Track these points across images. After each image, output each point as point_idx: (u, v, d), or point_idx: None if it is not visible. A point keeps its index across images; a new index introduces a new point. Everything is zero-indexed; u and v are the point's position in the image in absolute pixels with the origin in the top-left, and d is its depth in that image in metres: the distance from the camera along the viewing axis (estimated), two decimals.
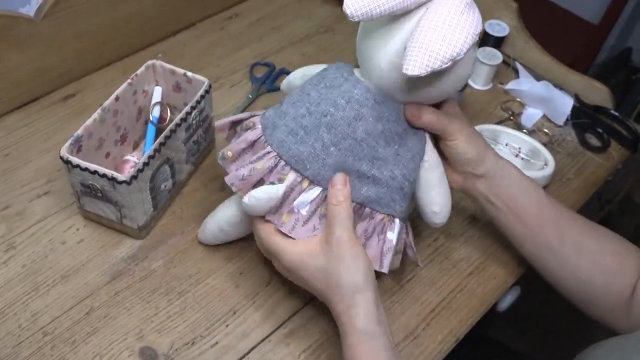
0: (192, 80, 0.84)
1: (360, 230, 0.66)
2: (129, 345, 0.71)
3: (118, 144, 0.83)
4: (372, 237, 0.66)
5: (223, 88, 1.02)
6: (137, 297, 0.75)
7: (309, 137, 0.64)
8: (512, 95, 1.05)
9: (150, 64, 0.85)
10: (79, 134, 0.74)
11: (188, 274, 0.78)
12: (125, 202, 0.74)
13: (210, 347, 0.72)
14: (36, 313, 0.73)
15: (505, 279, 0.81)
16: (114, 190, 0.72)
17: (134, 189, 0.73)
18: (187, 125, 0.80)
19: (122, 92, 0.80)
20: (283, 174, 0.65)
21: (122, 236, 0.80)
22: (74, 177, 0.74)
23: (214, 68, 1.05)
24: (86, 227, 0.80)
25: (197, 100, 0.81)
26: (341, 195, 0.63)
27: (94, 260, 0.78)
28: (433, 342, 0.74)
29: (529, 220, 0.70)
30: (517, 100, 1.05)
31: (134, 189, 0.73)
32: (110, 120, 0.79)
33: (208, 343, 0.72)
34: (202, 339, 0.72)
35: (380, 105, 0.63)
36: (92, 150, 0.77)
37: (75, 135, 0.74)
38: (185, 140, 0.81)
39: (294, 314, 0.75)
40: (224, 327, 0.73)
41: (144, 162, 0.73)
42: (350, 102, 0.63)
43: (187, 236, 0.81)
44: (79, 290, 0.75)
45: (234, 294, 0.76)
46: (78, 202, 0.78)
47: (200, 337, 0.72)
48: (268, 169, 0.65)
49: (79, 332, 0.72)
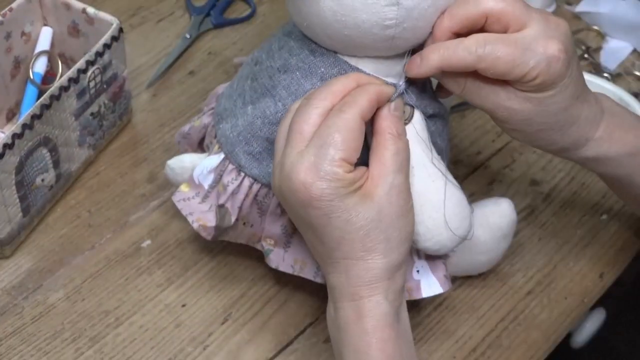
0: (94, 20, 0.84)
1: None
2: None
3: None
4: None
5: (145, 25, 1.02)
6: (30, 347, 0.75)
7: (235, 90, 0.73)
8: (586, 22, 1.06)
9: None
10: None
11: (104, 310, 0.78)
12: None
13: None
14: None
15: (582, 298, 0.82)
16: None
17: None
18: (79, 88, 0.80)
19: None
20: (212, 135, 0.74)
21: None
22: None
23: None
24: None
25: (98, 51, 0.80)
26: (400, 127, 0.64)
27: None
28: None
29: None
30: (593, 28, 1.05)
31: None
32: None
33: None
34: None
35: (315, 56, 0.68)
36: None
37: None
38: (78, 111, 0.81)
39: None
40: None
41: (5, 142, 0.73)
42: (281, 50, 0.70)
43: (100, 252, 0.82)
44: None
45: (174, 337, 0.77)
46: None
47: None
48: (204, 127, 0.76)
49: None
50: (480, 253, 0.76)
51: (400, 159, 0.62)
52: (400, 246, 0.62)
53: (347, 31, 0.63)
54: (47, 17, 0.87)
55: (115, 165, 0.89)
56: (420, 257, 0.71)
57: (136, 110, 0.93)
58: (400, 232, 0.62)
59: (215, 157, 0.73)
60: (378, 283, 0.61)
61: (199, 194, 0.74)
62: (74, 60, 0.88)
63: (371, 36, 0.63)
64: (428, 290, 0.71)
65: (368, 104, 0.61)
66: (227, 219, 0.72)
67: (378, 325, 0.61)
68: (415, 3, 0.61)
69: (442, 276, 0.71)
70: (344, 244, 0.61)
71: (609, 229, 0.87)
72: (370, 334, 0.61)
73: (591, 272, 0.84)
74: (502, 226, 0.75)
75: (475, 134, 0.94)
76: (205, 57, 1.00)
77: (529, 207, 0.88)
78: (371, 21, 0.61)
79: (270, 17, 1.05)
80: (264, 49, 0.73)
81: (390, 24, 0.62)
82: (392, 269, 0.62)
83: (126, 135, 0.91)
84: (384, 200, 0.61)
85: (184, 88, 0.96)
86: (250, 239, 0.76)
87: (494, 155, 0.92)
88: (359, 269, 0.61)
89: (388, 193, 0.61)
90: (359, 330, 0.61)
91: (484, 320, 0.79)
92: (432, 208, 0.67)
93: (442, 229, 0.67)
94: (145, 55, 0.98)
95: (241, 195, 0.71)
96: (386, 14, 0.61)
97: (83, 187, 0.86)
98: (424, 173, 0.67)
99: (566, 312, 0.81)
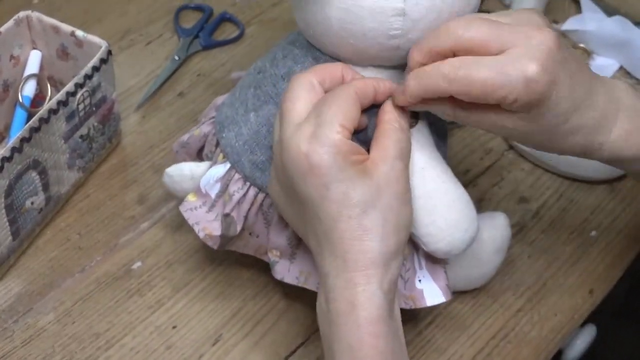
0: (83, 43, 0.84)
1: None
2: None
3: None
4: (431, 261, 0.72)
5: (134, 47, 1.02)
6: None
7: (237, 98, 0.74)
8: (573, 40, 1.07)
9: (23, 15, 0.85)
10: None
11: (94, 333, 0.78)
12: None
13: None
14: None
15: (572, 314, 0.82)
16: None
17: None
18: (68, 111, 0.80)
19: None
20: (212, 144, 0.76)
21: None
22: None
23: (119, 17, 1.05)
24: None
25: (87, 74, 0.81)
26: (404, 120, 0.65)
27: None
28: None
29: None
30: (580, 46, 1.06)
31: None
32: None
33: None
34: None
35: (320, 63, 0.69)
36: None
37: None
38: (67, 134, 0.82)
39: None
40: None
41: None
42: (285, 58, 0.71)
43: (90, 274, 0.82)
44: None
45: (165, 359, 0.77)
46: None
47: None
48: (204, 136, 0.77)
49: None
50: (474, 267, 0.77)
51: (400, 147, 0.63)
52: (397, 232, 0.61)
53: (353, 40, 0.64)
54: (35, 41, 0.87)
55: (105, 187, 0.89)
56: (422, 267, 0.72)
57: (125, 132, 0.93)
58: (398, 218, 0.61)
59: (221, 166, 0.74)
60: (374, 269, 0.60)
61: (206, 203, 0.75)
62: (63, 83, 0.88)
63: (376, 45, 0.64)
64: (432, 299, 0.71)
65: (363, 84, 0.63)
66: (233, 228, 0.73)
67: (371, 319, 0.60)
68: (422, 15, 0.62)
69: (444, 285, 0.72)
70: (341, 220, 0.60)
71: (598, 245, 0.88)
72: (362, 328, 0.60)
73: (581, 288, 0.84)
74: (497, 240, 0.76)
75: (463, 152, 0.95)
76: (194, 78, 1.00)
77: (518, 225, 0.88)
78: (377, 30, 0.63)
79: (259, 39, 1.05)
80: (267, 58, 0.74)
81: (395, 34, 0.63)
82: (388, 256, 0.61)
83: (115, 158, 0.91)
84: (382, 181, 0.61)
85: (173, 110, 0.97)
86: (257, 250, 0.76)
87: (483, 173, 0.93)
88: (355, 251, 0.60)
89: (387, 175, 0.61)
90: (352, 324, 0.60)
91: (474, 338, 0.80)
92: (443, 208, 0.68)
93: (454, 229, 0.68)
94: (134, 78, 0.99)
95: (246, 204, 0.72)
96: (392, 24, 0.62)
97: (73, 210, 0.87)
98: (434, 173, 0.68)
99: (557, 329, 0.81)
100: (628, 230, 0.89)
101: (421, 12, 0.62)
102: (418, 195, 0.67)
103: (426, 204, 0.67)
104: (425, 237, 0.68)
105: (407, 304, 0.71)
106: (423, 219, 0.67)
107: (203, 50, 1.03)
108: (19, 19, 0.85)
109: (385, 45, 0.64)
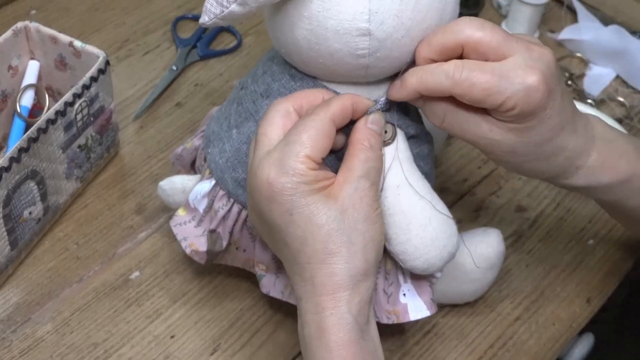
0: (81, 53, 0.85)
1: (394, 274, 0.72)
2: None
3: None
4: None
5: (132, 57, 1.03)
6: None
7: (223, 113, 0.75)
8: (569, 49, 1.07)
9: (21, 26, 0.85)
10: None
11: (92, 342, 0.78)
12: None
13: None
14: None
15: (570, 323, 0.83)
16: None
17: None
18: (67, 121, 0.80)
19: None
20: (202, 158, 0.76)
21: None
22: None
23: (117, 28, 1.05)
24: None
25: (85, 84, 0.81)
26: (375, 140, 0.64)
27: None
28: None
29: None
30: (576, 55, 1.06)
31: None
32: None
33: None
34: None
35: (295, 81, 0.69)
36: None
37: None
38: (66, 144, 0.82)
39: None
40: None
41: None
42: (264, 75, 0.71)
43: (88, 284, 0.82)
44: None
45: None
46: None
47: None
48: (195, 149, 0.78)
49: None
50: (467, 282, 0.77)
51: (368, 167, 0.63)
52: (364, 252, 0.61)
53: (322, 59, 0.64)
54: (34, 51, 0.87)
55: (103, 197, 0.89)
56: (407, 281, 0.72)
57: (123, 142, 0.94)
58: (364, 237, 0.61)
59: (207, 182, 0.74)
60: (341, 292, 0.61)
61: (195, 217, 0.75)
62: (61, 93, 0.88)
63: (345, 65, 0.64)
64: (415, 313, 0.71)
65: (340, 108, 0.63)
66: (219, 243, 0.73)
67: (340, 342, 0.60)
68: (388, 34, 0.62)
69: (428, 299, 0.72)
70: (306, 244, 0.61)
71: (596, 254, 0.88)
72: (334, 352, 0.60)
73: (578, 297, 0.84)
74: (490, 257, 0.76)
75: (461, 162, 0.95)
76: (192, 88, 1.01)
77: (515, 234, 0.89)
78: (343, 51, 0.62)
79: (256, 49, 1.06)
80: (250, 74, 0.74)
81: (362, 54, 0.63)
82: (355, 277, 0.61)
83: (113, 167, 0.92)
84: (347, 202, 0.61)
85: (171, 119, 0.97)
86: (245, 263, 0.77)
87: (480, 182, 0.93)
88: (322, 274, 0.61)
89: (352, 196, 0.61)
90: (323, 348, 0.60)
91: (472, 347, 0.80)
92: (419, 226, 0.67)
93: (430, 247, 0.68)
94: (132, 88, 0.99)
95: (231, 221, 0.72)
96: (358, 44, 0.62)
97: (71, 220, 0.87)
98: (409, 192, 0.67)
99: (554, 338, 0.81)
100: (625, 239, 0.89)
101: (387, 32, 0.62)
102: (393, 213, 0.67)
103: (401, 222, 0.67)
104: (402, 255, 0.68)
105: (389, 318, 0.71)
106: (398, 237, 0.67)
107: (201, 60, 1.04)
108: (17, 30, 0.85)
109: (354, 65, 0.64)
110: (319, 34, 0.62)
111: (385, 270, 0.71)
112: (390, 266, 0.71)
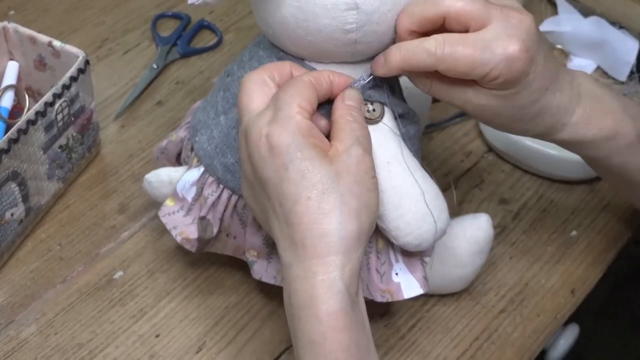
0: (60, 53, 0.84)
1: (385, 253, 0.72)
2: None
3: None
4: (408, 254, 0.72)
5: (112, 56, 1.02)
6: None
7: (209, 102, 0.75)
8: (550, 41, 1.07)
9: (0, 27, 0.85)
10: None
11: (77, 343, 0.78)
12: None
13: None
14: None
15: (555, 314, 0.83)
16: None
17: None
18: (47, 121, 0.80)
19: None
20: (188, 148, 0.77)
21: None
22: None
23: (96, 27, 1.05)
24: None
25: (65, 84, 0.81)
26: (356, 113, 0.65)
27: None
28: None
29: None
30: (556, 47, 1.07)
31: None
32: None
33: None
34: None
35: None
36: None
37: None
38: (46, 144, 0.82)
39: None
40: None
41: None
42: (251, 60, 0.71)
43: (71, 285, 0.82)
44: None
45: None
46: None
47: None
48: (180, 141, 0.79)
49: None
50: (455, 266, 0.77)
51: (356, 135, 0.63)
52: (357, 217, 0.61)
53: (310, 37, 0.64)
54: (12, 52, 0.87)
55: (85, 197, 0.89)
56: (398, 260, 0.72)
57: (105, 141, 0.93)
58: (359, 200, 0.61)
59: (195, 170, 0.74)
60: (333, 256, 0.59)
61: (183, 207, 0.76)
62: (41, 93, 0.88)
63: (333, 41, 0.64)
64: (409, 291, 0.72)
65: (317, 74, 0.64)
66: (210, 230, 0.73)
67: (332, 312, 0.58)
68: (375, 7, 0.63)
69: (421, 277, 0.72)
70: (300, 202, 0.60)
71: (579, 245, 0.88)
72: (324, 322, 0.58)
73: (563, 288, 0.85)
74: (479, 239, 0.76)
75: (443, 155, 0.95)
76: (173, 86, 1.01)
77: (499, 226, 0.89)
78: (332, 26, 0.63)
79: (237, 46, 1.06)
80: (235, 61, 0.74)
81: (351, 28, 0.63)
82: (347, 240, 0.60)
83: (95, 167, 0.91)
84: (342, 167, 0.61)
85: (152, 118, 0.97)
86: (235, 250, 0.77)
87: (463, 175, 0.94)
88: (314, 235, 0.60)
89: (346, 161, 0.61)
90: (313, 317, 0.59)
91: (458, 340, 0.80)
92: (410, 201, 0.68)
93: (422, 222, 0.68)
94: (112, 87, 0.99)
95: (221, 207, 0.72)
96: (346, 19, 0.63)
97: (53, 221, 0.87)
98: (400, 168, 0.68)
99: (539, 329, 0.82)
100: (608, 229, 0.89)
101: (374, 5, 0.63)
102: (385, 189, 0.67)
103: (393, 198, 0.67)
104: (394, 231, 0.68)
105: (383, 297, 0.71)
106: (390, 213, 0.68)
107: (181, 58, 1.04)
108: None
109: (342, 40, 0.65)
110: (306, 9, 0.63)
111: (377, 249, 0.71)
112: (382, 245, 0.71)
